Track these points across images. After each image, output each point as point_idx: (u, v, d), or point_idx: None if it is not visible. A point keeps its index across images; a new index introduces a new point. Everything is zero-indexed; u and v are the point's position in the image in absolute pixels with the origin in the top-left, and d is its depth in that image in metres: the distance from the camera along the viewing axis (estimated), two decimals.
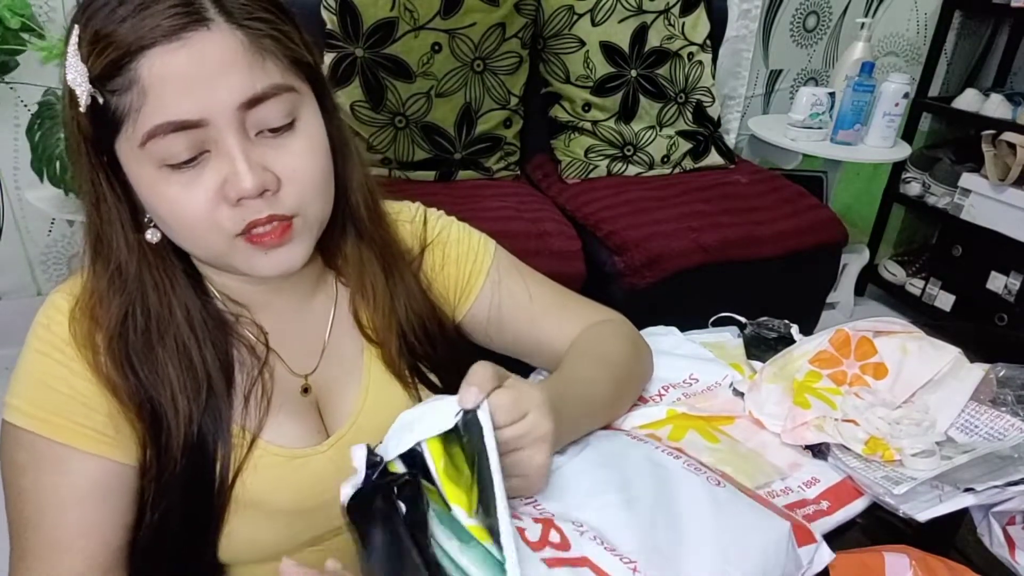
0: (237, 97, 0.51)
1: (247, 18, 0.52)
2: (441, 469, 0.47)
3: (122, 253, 0.58)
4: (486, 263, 0.74)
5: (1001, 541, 0.60)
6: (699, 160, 2.00)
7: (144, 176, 0.53)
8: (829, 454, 0.69)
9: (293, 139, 0.56)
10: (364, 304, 0.69)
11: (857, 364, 0.78)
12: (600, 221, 1.71)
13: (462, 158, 1.84)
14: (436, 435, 0.48)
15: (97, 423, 0.57)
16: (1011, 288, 2.23)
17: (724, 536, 0.52)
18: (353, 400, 0.68)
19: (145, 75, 0.49)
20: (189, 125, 0.51)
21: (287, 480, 0.63)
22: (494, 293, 0.74)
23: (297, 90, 0.56)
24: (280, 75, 0.54)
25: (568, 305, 0.76)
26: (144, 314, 0.59)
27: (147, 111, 0.50)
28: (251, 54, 0.52)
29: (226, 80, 0.51)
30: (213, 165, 0.53)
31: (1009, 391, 0.73)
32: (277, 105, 0.54)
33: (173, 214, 0.54)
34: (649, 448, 0.62)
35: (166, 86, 0.49)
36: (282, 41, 0.54)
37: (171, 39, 0.49)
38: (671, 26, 1.91)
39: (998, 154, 2.14)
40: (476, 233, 0.77)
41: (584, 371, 0.68)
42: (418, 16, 1.68)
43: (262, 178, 0.53)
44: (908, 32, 2.51)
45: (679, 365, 0.81)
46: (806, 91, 2.07)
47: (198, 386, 0.60)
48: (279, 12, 0.56)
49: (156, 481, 0.59)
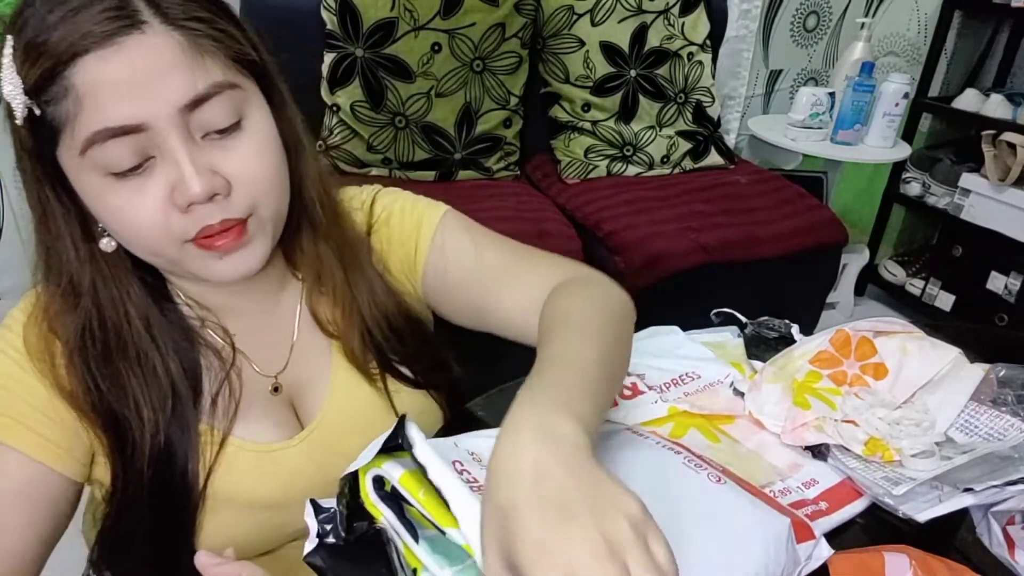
0: (178, 99, 0.50)
1: (184, 18, 0.50)
2: (421, 500, 0.46)
3: (73, 266, 0.57)
4: (430, 229, 0.70)
5: (1000, 541, 0.60)
6: (699, 160, 2.00)
7: (89, 185, 0.52)
8: (829, 455, 0.69)
9: (241, 139, 0.54)
10: (324, 300, 0.68)
11: (857, 364, 0.78)
12: (600, 221, 1.71)
13: (462, 158, 1.84)
14: (406, 471, 0.47)
15: (45, 427, 0.56)
16: (1011, 288, 2.23)
17: (725, 532, 0.52)
18: (323, 396, 0.68)
19: (80, 83, 0.48)
20: (128, 130, 0.49)
21: (260, 474, 0.63)
22: (439, 259, 0.70)
23: (242, 87, 0.54)
24: (222, 73, 0.52)
25: (525, 266, 0.69)
26: (101, 327, 0.57)
27: (83, 119, 0.48)
28: (190, 55, 0.50)
29: (165, 83, 0.49)
30: (160, 171, 0.52)
31: (1009, 391, 0.73)
32: (221, 105, 0.52)
33: (122, 223, 0.53)
34: (651, 444, 0.62)
35: (102, 92, 0.48)
36: (222, 40, 0.52)
37: (104, 45, 0.47)
38: (671, 26, 1.91)
39: (998, 154, 2.13)
40: (423, 201, 0.73)
41: (575, 350, 0.54)
42: (418, 16, 1.68)
43: (211, 182, 0.52)
44: (908, 32, 2.51)
45: (681, 364, 0.81)
46: (806, 91, 2.07)
47: (163, 396, 0.59)
48: (218, 10, 0.54)
49: (124, 491, 0.59)
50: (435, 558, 0.45)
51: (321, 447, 0.66)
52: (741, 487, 0.58)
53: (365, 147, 1.75)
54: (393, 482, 0.47)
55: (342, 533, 0.49)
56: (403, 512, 0.47)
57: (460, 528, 0.42)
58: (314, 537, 0.49)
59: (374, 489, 0.48)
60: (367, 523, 0.50)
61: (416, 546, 0.45)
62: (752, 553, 0.51)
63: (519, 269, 0.69)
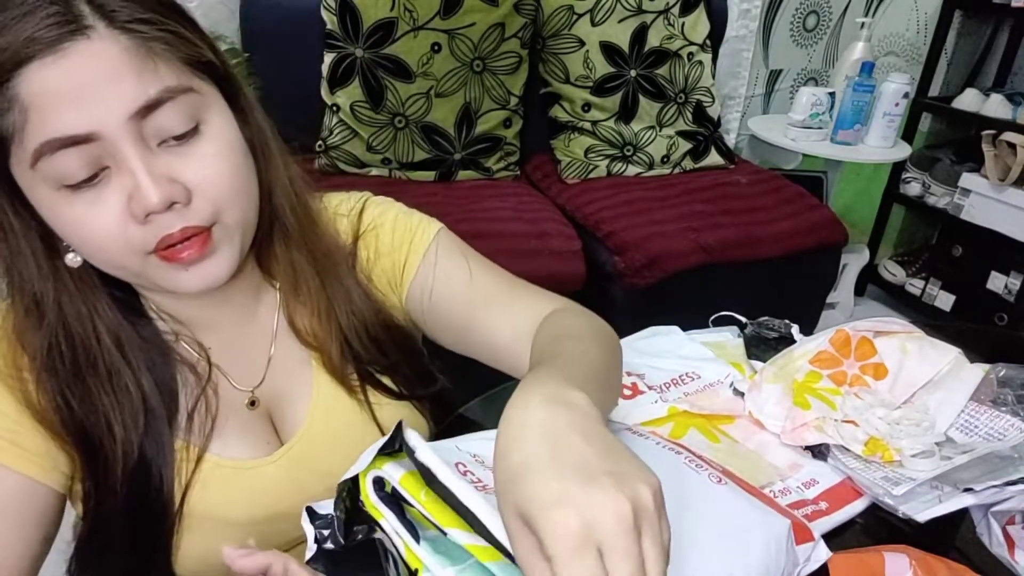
0: (128, 106, 0.48)
1: (130, 21, 0.48)
2: (423, 501, 0.46)
3: (36, 283, 0.55)
4: (423, 245, 0.68)
5: (1000, 541, 0.60)
6: (699, 160, 2.00)
7: (44, 199, 0.50)
8: (829, 455, 0.69)
9: (199, 144, 0.52)
10: (301, 310, 0.66)
11: (857, 364, 0.78)
12: (600, 221, 1.71)
13: (462, 158, 1.84)
14: (406, 472, 0.48)
15: (21, 438, 0.55)
16: (1011, 288, 2.23)
17: (725, 533, 0.52)
18: (303, 410, 0.66)
19: (24, 92, 0.46)
20: (78, 140, 0.47)
21: (238, 492, 0.62)
22: (428, 276, 0.68)
23: (197, 91, 0.52)
24: (175, 77, 0.50)
25: (515, 294, 0.68)
26: (69, 344, 0.56)
27: (31, 129, 0.47)
28: (139, 59, 0.48)
29: (113, 90, 0.47)
30: (115, 182, 0.50)
31: (1009, 391, 0.73)
32: (175, 109, 0.50)
33: (79, 236, 0.51)
34: (651, 444, 0.62)
35: (48, 101, 0.46)
36: (173, 42, 0.50)
37: (48, 52, 0.46)
38: (671, 26, 1.91)
39: (998, 154, 2.13)
40: (417, 215, 0.71)
41: (580, 350, 0.55)
42: (418, 16, 1.68)
43: (168, 190, 0.50)
44: (908, 32, 2.51)
45: (681, 364, 0.81)
46: (806, 91, 2.06)
47: (136, 413, 0.57)
48: (168, 11, 0.51)
49: (97, 508, 0.58)
50: (436, 558, 0.45)
51: (300, 464, 0.65)
52: (741, 488, 0.58)
53: (365, 147, 1.75)
54: (394, 483, 0.47)
55: (341, 540, 0.49)
56: (404, 513, 0.47)
57: (482, 522, 0.41)
58: (312, 544, 0.49)
59: (375, 491, 0.48)
60: (367, 527, 0.50)
61: (417, 546, 0.45)
62: (752, 554, 0.51)
63: (512, 294, 0.68)
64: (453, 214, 1.61)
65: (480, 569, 0.44)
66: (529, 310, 0.65)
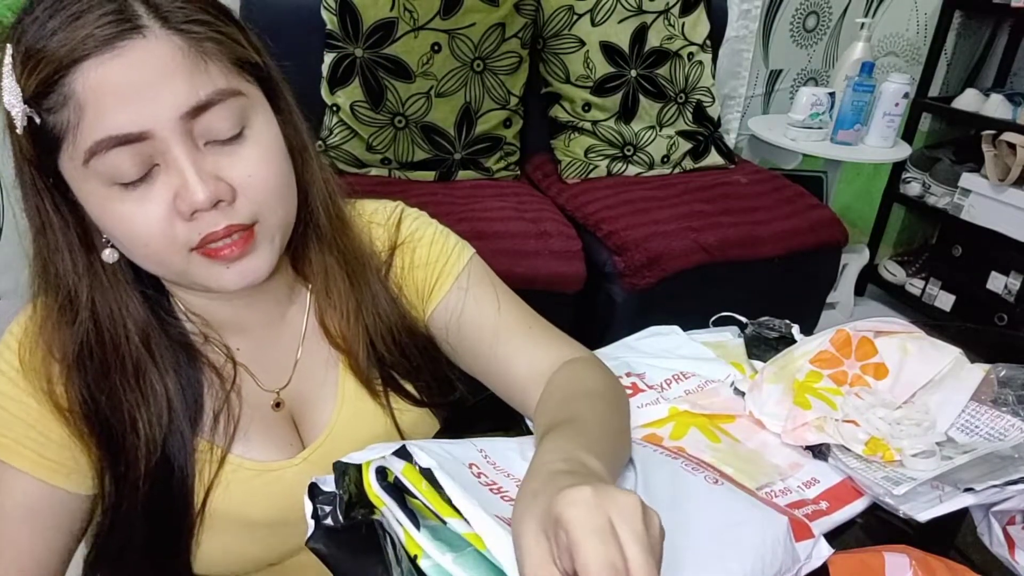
0: (180, 106, 0.49)
1: (185, 22, 0.49)
2: (424, 491, 0.47)
3: (71, 279, 0.55)
4: (457, 267, 0.70)
5: (1001, 541, 0.60)
6: (699, 160, 2.00)
7: (93, 195, 0.51)
8: (829, 455, 0.69)
9: (245, 145, 0.53)
10: (331, 311, 0.67)
11: (858, 364, 0.78)
12: (600, 221, 1.71)
13: (462, 158, 1.84)
14: (408, 463, 0.49)
15: (43, 446, 0.56)
16: (1011, 288, 2.23)
17: (722, 532, 0.52)
18: (328, 413, 0.67)
19: (80, 89, 0.47)
20: (131, 139, 0.48)
21: (259, 494, 0.62)
22: (458, 299, 0.70)
23: (245, 94, 0.53)
24: (225, 80, 0.51)
25: (537, 333, 0.70)
26: (99, 341, 0.57)
27: (85, 127, 0.47)
28: (191, 60, 0.49)
29: (167, 89, 0.48)
30: (163, 179, 0.51)
31: (1010, 391, 0.73)
32: (224, 112, 0.51)
33: (127, 232, 0.52)
34: (648, 452, 0.62)
35: (103, 99, 0.47)
36: (225, 43, 0.51)
37: (104, 50, 0.46)
38: (671, 26, 1.91)
39: (998, 154, 2.13)
40: (454, 237, 0.73)
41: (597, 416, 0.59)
42: (418, 16, 1.68)
43: (215, 189, 0.51)
44: (908, 32, 2.51)
45: (681, 364, 0.81)
46: (806, 91, 2.06)
47: (161, 412, 0.58)
48: (220, 13, 0.53)
49: (116, 507, 0.58)
50: (436, 544, 0.45)
51: (321, 466, 0.65)
52: (738, 489, 0.58)
53: (365, 147, 1.75)
54: (396, 473, 0.48)
55: (340, 518, 0.49)
56: (405, 502, 0.48)
57: (487, 548, 0.43)
58: (310, 519, 0.49)
59: (376, 479, 0.49)
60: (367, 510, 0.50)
61: (417, 533, 0.46)
62: (750, 551, 0.51)
63: (534, 332, 0.70)
64: (453, 214, 1.61)
65: (478, 557, 0.44)
66: (550, 353, 0.67)
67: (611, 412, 0.59)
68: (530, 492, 0.42)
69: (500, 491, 0.51)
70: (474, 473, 0.52)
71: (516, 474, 0.54)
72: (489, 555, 0.44)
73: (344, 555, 0.48)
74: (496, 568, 0.43)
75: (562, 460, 0.45)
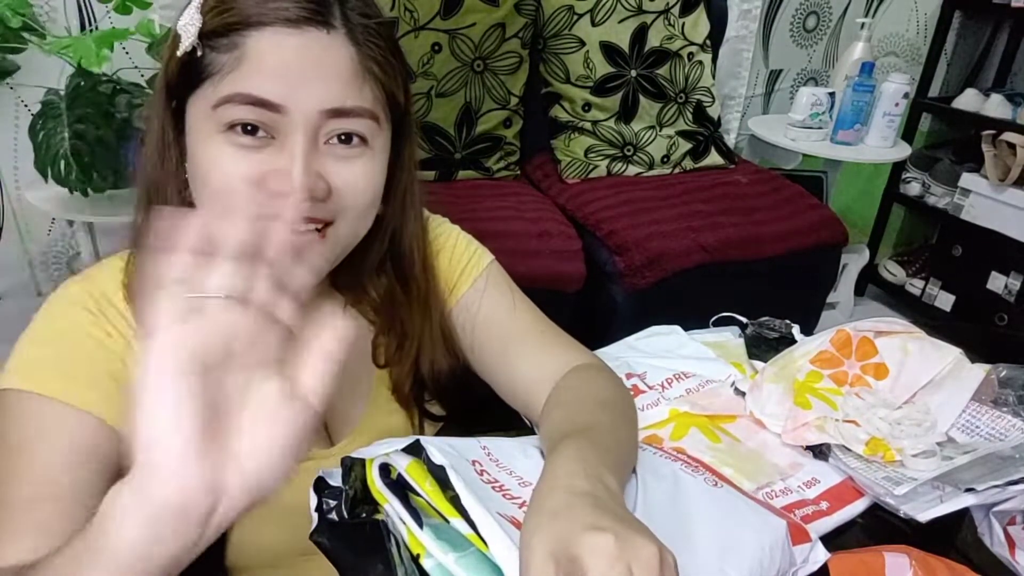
0: (326, 103, 0.52)
1: (366, 39, 0.54)
2: (427, 490, 0.47)
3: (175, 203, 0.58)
4: (476, 270, 0.74)
5: (1001, 541, 0.60)
6: (699, 160, 2.00)
7: (202, 132, 0.53)
8: (830, 455, 0.69)
9: (356, 160, 0.56)
10: (387, 342, 0.69)
11: (858, 364, 0.78)
12: (600, 221, 1.71)
13: (462, 158, 1.84)
14: (412, 460, 0.49)
15: (111, 388, 0.56)
16: (1011, 288, 2.23)
17: (721, 535, 0.52)
18: (356, 417, 0.69)
19: (251, 46, 0.51)
20: (268, 105, 0.51)
21: (293, 480, 0.63)
22: (474, 300, 0.73)
23: (378, 122, 0.57)
24: (372, 101, 0.55)
25: (549, 338, 0.72)
26: None
27: (235, 77, 0.51)
28: (355, 71, 0.53)
29: (322, 83, 0.52)
30: (271, 151, 0.53)
31: (1010, 391, 0.73)
32: (356, 126, 0.55)
33: (209, 175, 0.54)
34: (648, 454, 0.62)
35: (264, 63, 0.51)
36: (387, 73, 0.56)
37: (290, 25, 0.51)
38: (671, 26, 1.91)
39: (998, 154, 2.14)
40: (475, 244, 0.77)
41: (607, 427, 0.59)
42: (418, 16, 1.68)
43: (313, 185, 0.53)
44: (908, 32, 2.51)
45: (682, 364, 0.81)
46: (806, 91, 2.07)
47: None
48: (395, 48, 0.58)
49: None
50: (439, 544, 0.45)
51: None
52: (738, 492, 0.58)
53: None
54: (400, 470, 0.48)
55: (344, 514, 0.50)
56: (408, 500, 0.48)
57: (491, 550, 0.43)
58: (314, 513, 0.50)
59: (380, 477, 0.49)
60: (371, 508, 0.50)
61: (420, 532, 0.46)
62: (748, 554, 0.51)
63: (545, 337, 0.72)
64: (453, 214, 1.60)
65: (481, 558, 0.44)
66: (558, 358, 0.69)
67: (623, 422, 0.61)
68: (548, 511, 0.42)
69: (502, 488, 0.51)
70: (477, 471, 0.52)
71: (518, 471, 0.54)
72: (491, 557, 0.44)
73: (347, 550, 0.49)
74: (499, 570, 0.43)
75: (583, 478, 0.45)
